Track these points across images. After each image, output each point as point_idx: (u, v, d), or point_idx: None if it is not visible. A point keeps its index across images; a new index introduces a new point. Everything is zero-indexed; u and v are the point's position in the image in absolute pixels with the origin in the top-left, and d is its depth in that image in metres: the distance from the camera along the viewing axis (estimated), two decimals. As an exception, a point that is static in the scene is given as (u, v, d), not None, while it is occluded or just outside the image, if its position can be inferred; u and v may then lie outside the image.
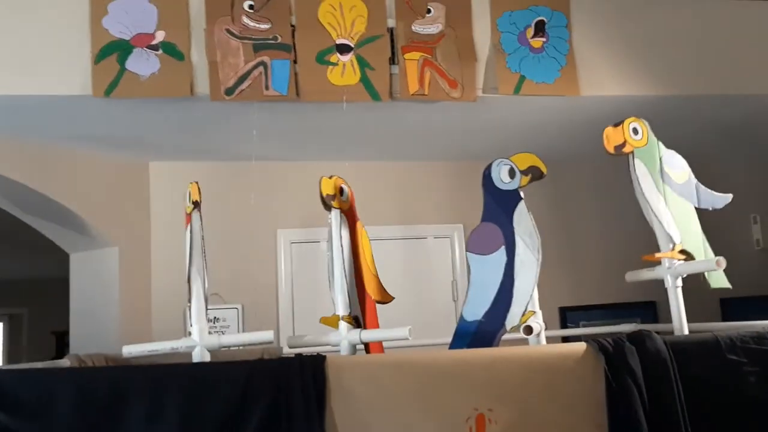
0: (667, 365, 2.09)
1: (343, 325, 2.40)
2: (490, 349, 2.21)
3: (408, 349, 2.73)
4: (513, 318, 2.29)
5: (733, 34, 3.79)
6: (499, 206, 2.38)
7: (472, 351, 2.24)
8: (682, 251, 2.39)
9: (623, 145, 2.44)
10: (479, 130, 4.00)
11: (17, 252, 7.18)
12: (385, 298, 2.53)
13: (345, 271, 2.44)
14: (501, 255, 2.34)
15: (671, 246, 2.41)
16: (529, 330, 2.26)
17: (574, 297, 4.68)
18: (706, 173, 5.16)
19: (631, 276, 2.62)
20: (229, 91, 3.21)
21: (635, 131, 2.48)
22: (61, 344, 8.90)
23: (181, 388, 1.93)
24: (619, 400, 2.03)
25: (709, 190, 2.54)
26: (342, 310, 2.42)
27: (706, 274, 2.42)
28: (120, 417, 1.89)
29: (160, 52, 3.20)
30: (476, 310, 2.35)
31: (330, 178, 2.52)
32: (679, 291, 2.42)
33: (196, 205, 2.40)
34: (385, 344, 2.58)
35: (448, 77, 3.42)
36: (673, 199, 2.46)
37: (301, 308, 4.35)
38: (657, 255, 2.43)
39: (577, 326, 4.49)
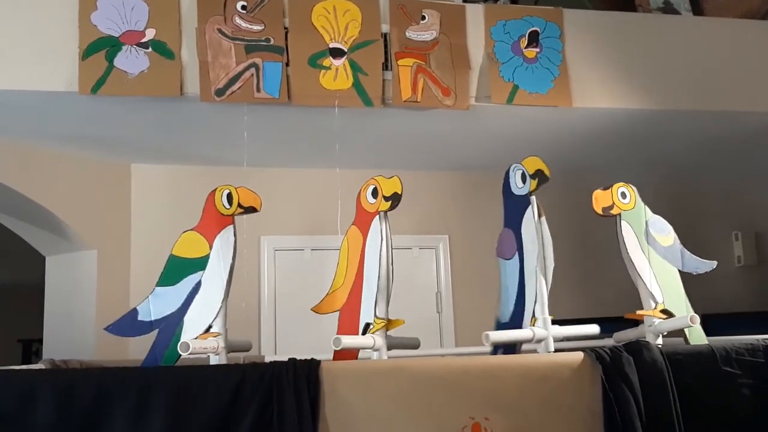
0: (664, 375, 2.09)
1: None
2: (487, 357, 2.20)
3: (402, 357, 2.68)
4: (525, 323, 2.31)
5: (725, 51, 3.83)
6: (514, 211, 2.39)
7: (468, 359, 2.23)
8: (664, 311, 2.43)
9: (611, 207, 2.49)
10: (470, 140, 3.99)
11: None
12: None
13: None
14: (517, 260, 2.36)
15: (653, 305, 2.44)
16: None
17: (552, 311, 4.66)
18: (690, 190, 5.19)
19: (618, 336, 2.62)
20: (220, 92, 3.15)
21: (623, 195, 2.52)
22: (28, 353, 8.68)
23: (170, 391, 1.87)
24: (615, 409, 2.02)
25: (693, 256, 2.59)
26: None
27: (686, 331, 2.44)
28: (105, 420, 1.83)
29: (150, 50, 3.14)
30: (507, 313, 2.39)
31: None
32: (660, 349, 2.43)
33: (247, 210, 2.40)
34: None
35: (442, 84, 3.40)
36: (657, 261, 2.50)
37: (284, 316, 4.28)
38: (639, 312, 2.46)
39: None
